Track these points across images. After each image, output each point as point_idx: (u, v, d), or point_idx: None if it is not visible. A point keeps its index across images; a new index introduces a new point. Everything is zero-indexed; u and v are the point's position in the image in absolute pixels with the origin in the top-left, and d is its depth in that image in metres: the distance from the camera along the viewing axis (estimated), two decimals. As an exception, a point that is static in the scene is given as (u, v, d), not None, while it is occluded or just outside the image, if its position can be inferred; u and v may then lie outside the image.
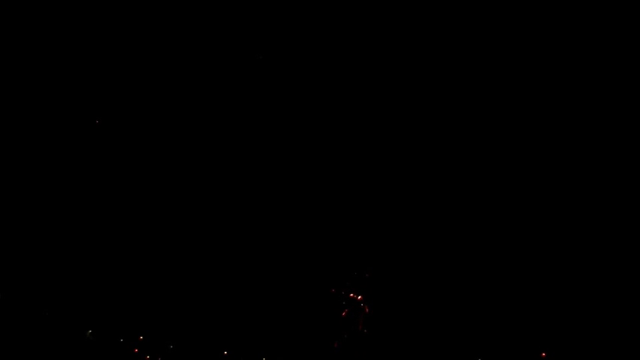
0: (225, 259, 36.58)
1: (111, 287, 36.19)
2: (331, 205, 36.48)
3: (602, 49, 33.60)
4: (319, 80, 36.98)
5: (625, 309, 32.64)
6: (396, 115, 36.92)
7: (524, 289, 34.46)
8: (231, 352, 37.15)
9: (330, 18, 35.81)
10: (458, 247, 34.73)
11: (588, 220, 33.62)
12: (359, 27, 35.87)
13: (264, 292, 36.33)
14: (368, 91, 37.05)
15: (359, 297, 35.96)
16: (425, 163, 36.46)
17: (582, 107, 34.92)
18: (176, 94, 37.77)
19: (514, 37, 34.59)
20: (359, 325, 35.50)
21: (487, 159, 35.85)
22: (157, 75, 37.11)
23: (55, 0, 34.30)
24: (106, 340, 35.90)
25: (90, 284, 35.95)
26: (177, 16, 36.23)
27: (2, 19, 34.09)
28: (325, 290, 35.64)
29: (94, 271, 36.04)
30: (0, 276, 33.84)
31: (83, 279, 35.81)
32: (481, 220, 34.66)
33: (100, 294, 36.07)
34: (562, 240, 34.01)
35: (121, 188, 36.84)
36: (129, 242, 36.26)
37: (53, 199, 35.72)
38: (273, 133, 37.89)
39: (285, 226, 36.37)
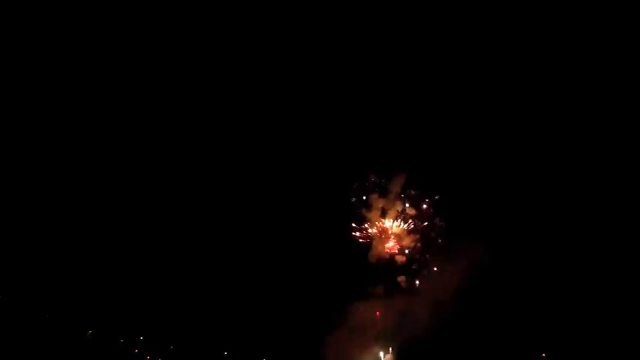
0: (225, 260, 36.55)
1: (111, 288, 36.18)
2: (330, 206, 36.44)
3: (602, 49, 33.52)
4: (319, 80, 36.86)
5: (624, 309, 32.65)
6: (396, 116, 36.79)
7: (525, 290, 34.46)
8: (231, 352, 37.13)
9: (330, 18, 35.68)
10: (459, 248, 34.69)
11: (588, 221, 33.61)
12: (359, 27, 35.73)
13: (263, 293, 36.31)
14: (368, 92, 36.90)
15: (358, 297, 35.90)
16: (424, 163, 36.37)
17: (582, 107, 34.83)
18: (176, 95, 37.65)
19: (513, 38, 34.49)
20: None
21: (487, 159, 35.80)
22: (156, 75, 36.99)
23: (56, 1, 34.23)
24: (106, 340, 35.90)
25: (90, 285, 35.95)
26: (177, 16, 36.10)
27: (2, 19, 34.01)
28: (324, 291, 35.58)
29: (93, 271, 36.04)
30: (0, 276, 33.85)
31: (83, 279, 35.81)
32: (481, 222, 34.63)
33: (99, 294, 36.07)
34: (562, 241, 34.01)
35: (120, 190, 36.83)
36: (129, 243, 36.25)
37: (53, 199, 35.71)
38: (273, 133, 37.78)
39: (284, 228, 36.33)
